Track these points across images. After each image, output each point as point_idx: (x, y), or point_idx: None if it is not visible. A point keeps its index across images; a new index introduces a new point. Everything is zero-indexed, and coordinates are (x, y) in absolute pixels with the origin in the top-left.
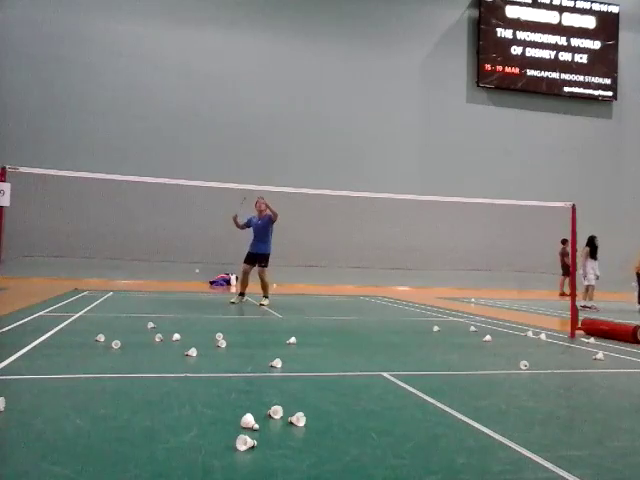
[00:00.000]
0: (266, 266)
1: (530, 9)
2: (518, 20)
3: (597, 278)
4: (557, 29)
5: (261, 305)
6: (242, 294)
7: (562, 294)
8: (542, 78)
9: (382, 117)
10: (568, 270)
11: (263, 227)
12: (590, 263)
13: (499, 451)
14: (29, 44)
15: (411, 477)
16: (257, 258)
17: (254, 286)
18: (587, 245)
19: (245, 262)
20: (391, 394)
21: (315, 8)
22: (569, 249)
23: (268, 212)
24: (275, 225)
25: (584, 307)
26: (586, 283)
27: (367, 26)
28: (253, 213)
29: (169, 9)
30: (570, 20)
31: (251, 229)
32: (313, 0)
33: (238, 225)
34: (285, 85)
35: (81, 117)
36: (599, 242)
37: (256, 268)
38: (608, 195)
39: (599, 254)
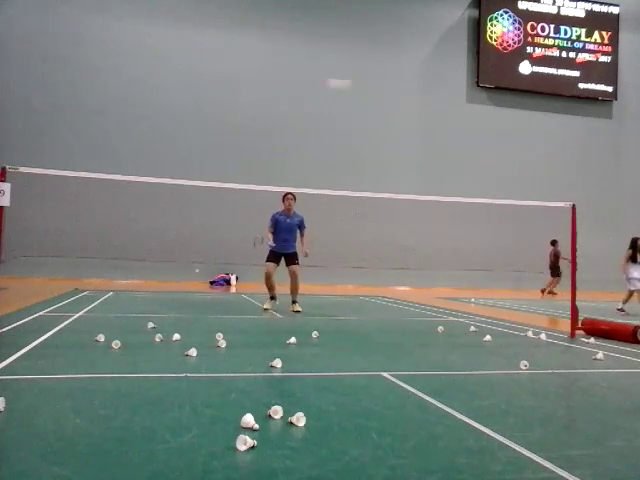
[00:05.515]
0: (298, 263)
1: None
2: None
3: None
4: (557, 29)
5: (297, 312)
6: (273, 297)
7: (542, 291)
8: (542, 78)
9: (382, 117)
10: (557, 271)
11: (292, 228)
12: (632, 267)
13: (499, 451)
14: (29, 44)
15: (411, 477)
16: (285, 257)
17: (259, 286)
18: (630, 247)
19: (269, 260)
20: (391, 394)
21: (315, 8)
22: (561, 249)
23: (298, 213)
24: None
25: (620, 310)
26: (631, 288)
27: (367, 26)
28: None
29: (169, 9)
30: (570, 20)
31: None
32: (313, 0)
33: (269, 233)
34: (285, 85)
35: (81, 117)
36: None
37: (279, 266)
38: (608, 195)
39: None
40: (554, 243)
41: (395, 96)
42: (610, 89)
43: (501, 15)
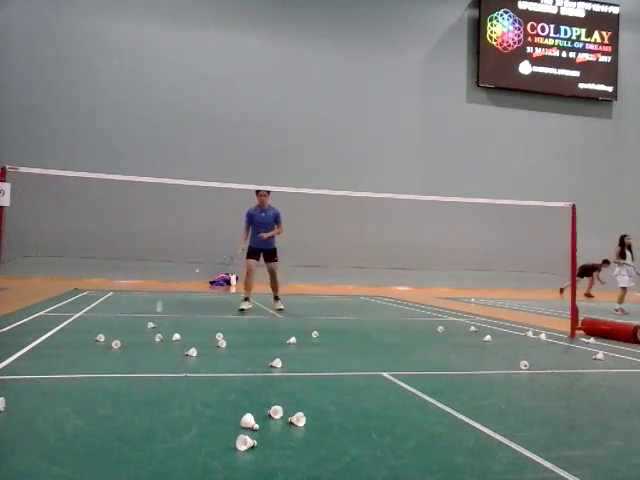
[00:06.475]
0: (277, 260)
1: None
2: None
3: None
4: (557, 29)
5: (279, 310)
6: (248, 298)
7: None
8: (542, 78)
9: (382, 117)
10: (585, 273)
11: (267, 222)
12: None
13: (499, 451)
14: (29, 44)
15: (411, 477)
16: (264, 253)
17: (260, 286)
18: (619, 245)
19: (249, 257)
20: (391, 394)
21: (315, 8)
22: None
23: (273, 207)
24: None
25: (617, 310)
26: (621, 285)
27: (367, 26)
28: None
29: (169, 9)
30: (570, 20)
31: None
32: (313, 0)
33: (244, 234)
34: (285, 85)
35: (81, 117)
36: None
37: (261, 264)
38: (608, 195)
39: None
40: (606, 262)
41: (395, 96)
42: (610, 89)
43: (501, 15)
